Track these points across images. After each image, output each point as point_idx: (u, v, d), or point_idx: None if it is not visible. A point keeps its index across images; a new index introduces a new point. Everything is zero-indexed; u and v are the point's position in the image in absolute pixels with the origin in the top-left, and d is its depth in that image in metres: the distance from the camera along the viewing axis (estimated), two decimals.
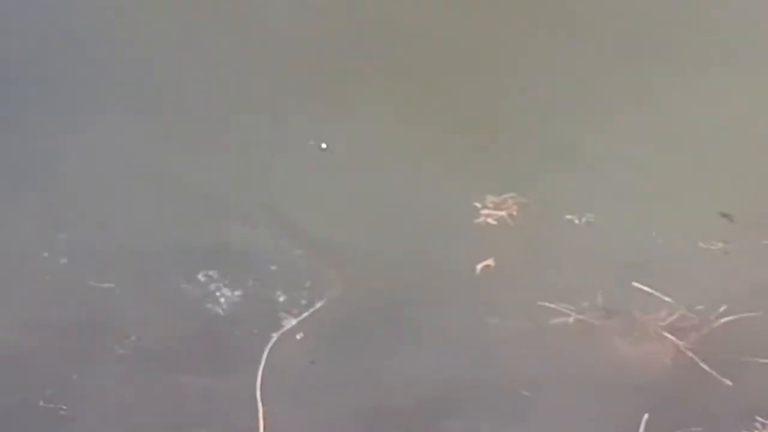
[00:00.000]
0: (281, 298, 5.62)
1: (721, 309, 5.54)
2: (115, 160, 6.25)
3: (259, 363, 5.28)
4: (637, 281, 5.66)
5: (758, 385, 5.28)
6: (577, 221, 5.99)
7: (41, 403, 5.16)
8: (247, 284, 5.68)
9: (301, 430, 4.96)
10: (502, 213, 6.02)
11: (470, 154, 6.36)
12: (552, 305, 5.59)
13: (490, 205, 6.05)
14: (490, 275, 5.75)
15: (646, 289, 5.63)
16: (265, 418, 5.06)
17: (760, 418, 5.07)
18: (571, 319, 5.54)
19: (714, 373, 5.33)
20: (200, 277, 5.70)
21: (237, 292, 5.65)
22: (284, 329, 5.45)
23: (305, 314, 5.52)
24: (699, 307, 5.58)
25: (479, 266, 5.77)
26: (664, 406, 5.17)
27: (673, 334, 5.49)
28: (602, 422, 5.13)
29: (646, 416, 4.92)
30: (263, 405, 5.12)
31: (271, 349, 5.35)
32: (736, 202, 6.09)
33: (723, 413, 5.18)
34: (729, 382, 5.29)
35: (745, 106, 6.60)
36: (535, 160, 6.35)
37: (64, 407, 5.16)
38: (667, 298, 5.62)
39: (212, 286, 5.67)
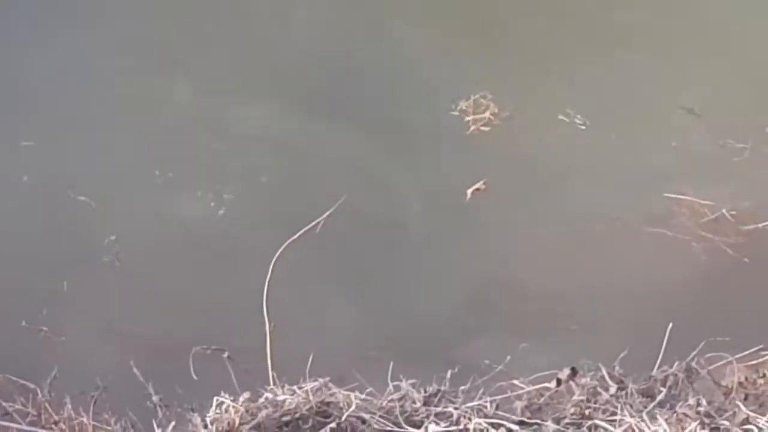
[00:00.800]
0: (282, 212, 5.44)
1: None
2: (90, 72, 6.00)
3: (265, 277, 5.07)
4: (668, 189, 5.46)
5: None
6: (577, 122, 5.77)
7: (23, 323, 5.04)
8: (246, 198, 5.53)
9: (308, 345, 4.74)
10: (486, 115, 5.78)
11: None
12: (584, 215, 5.44)
13: (466, 108, 5.82)
14: (488, 194, 5.54)
15: (681, 197, 5.43)
16: (272, 336, 4.84)
17: None
18: (605, 227, 5.39)
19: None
20: (197, 191, 5.53)
21: (236, 205, 5.48)
22: (288, 242, 5.23)
23: (307, 227, 5.30)
24: (742, 208, 5.40)
25: (469, 191, 5.53)
26: (694, 315, 4.98)
27: (712, 233, 5.33)
28: (630, 330, 4.95)
29: (670, 325, 4.70)
30: (270, 322, 4.90)
31: (276, 262, 5.13)
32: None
33: (753, 322, 4.97)
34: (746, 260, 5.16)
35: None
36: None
37: (44, 328, 5.02)
38: (705, 201, 5.43)
39: (209, 199, 5.51)
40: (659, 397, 4.38)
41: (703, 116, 5.83)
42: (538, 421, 4.21)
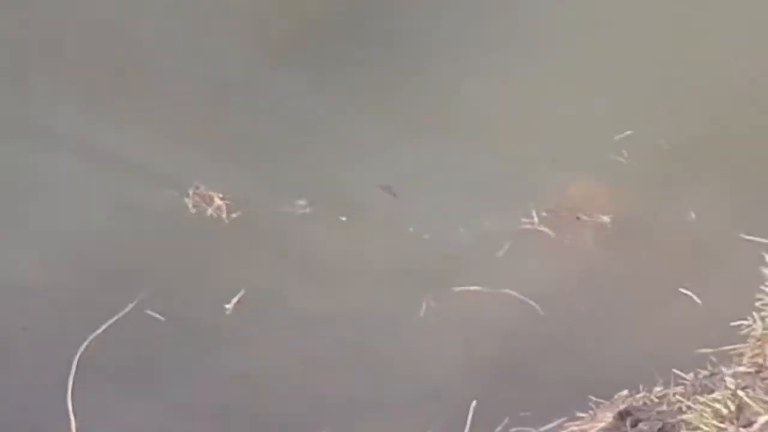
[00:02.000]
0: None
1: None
2: None
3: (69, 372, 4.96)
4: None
5: (590, 364, 5.19)
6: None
7: None
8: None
9: None
10: (218, 203, 5.58)
11: None
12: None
13: (196, 203, 5.62)
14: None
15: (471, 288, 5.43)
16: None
17: (593, 398, 4.94)
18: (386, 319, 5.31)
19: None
20: None
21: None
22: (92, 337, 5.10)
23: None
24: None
25: (229, 306, 5.33)
26: (495, 392, 5.01)
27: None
28: (434, 410, 4.92)
29: (474, 403, 4.75)
30: (75, 417, 4.80)
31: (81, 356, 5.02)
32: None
33: (555, 393, 5.05)
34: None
35: None
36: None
37: None
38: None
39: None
40: None
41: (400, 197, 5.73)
42: None
